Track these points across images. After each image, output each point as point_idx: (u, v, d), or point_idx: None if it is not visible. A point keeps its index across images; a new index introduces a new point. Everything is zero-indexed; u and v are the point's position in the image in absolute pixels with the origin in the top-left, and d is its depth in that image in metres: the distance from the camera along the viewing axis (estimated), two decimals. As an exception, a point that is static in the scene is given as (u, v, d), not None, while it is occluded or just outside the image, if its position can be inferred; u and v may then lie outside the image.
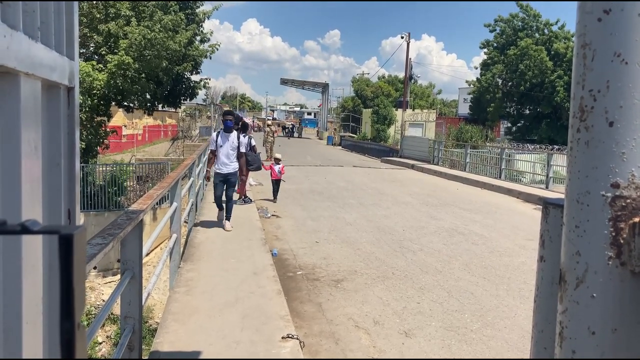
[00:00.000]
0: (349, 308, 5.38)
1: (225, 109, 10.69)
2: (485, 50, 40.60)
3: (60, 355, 0.48)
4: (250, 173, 11.05)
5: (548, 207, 0.99)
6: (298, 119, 75.36)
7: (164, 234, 10.22)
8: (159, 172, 19.72)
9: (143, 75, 16.83)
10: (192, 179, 8.31)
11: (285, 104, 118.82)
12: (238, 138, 8.08)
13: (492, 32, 40.11)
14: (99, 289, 13.86)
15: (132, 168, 20.31)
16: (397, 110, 37.49)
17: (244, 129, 10.47)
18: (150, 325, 9.83)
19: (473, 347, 4.57)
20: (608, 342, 0.83)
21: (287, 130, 56.01)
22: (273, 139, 22.14)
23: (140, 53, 16.21)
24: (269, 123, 26.21)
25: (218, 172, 7.99)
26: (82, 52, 17.27)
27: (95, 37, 17.24)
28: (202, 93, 25.07)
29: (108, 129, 18.78)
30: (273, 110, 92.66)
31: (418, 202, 12.39)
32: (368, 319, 5.09)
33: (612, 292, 0.81)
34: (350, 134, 43.93)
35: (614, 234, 0.80)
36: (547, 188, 15.21)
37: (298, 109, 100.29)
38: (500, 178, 17.53)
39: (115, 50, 16.50)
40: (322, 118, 56.41)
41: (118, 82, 16.10)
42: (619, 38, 0.78)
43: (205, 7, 19.92)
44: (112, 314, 9.73)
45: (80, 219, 1.29)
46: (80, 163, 1.41)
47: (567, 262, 0.87)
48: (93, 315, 10.35)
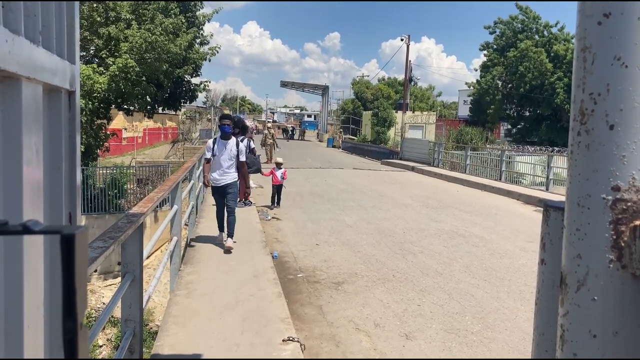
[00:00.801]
0: (350, 310, 5.37)
1: (223, 113, 9.52)
2: (485, 52, 40.61)
3: (64, 355, 0.48)
4: (251, 175, 10.96)
5: (549, 209, 0.99)
6: (298, 122, 75.40)
7: (165, 237, 10.22)
8: (160, 174, 19.73)
9: (144, 78, 16.85)
10: (192, 182, 8.29)
11: (286, 107, 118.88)
12: (237, 145, 6.93)
13: (491, 34, 40.12)
14: (100, 292, 13.85)
15: (132, 171, 20.32)
16: (397, 113, 37.51)
17: (244, 132, 9.80)
18: (151, 328, 9.82)
19: (474, 349, 4.56)
20: (609, 345, 0.83)
21: (287, 133, 56.05)
22: (273, 142, 22.13)
23: (141, 56, 16.22)
24: (269, 126, 26.21)
25: (215, 185, 6.95)
26: (82, 55, 17.30)
27: (96, 40, 17.26)
28: (202, 96, 25.17)
29: (108, 132, 18.79)
30: (273, 113, 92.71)
31: (418, 204, 12.38)
32: (369, 322, 5.08)
33: (613, 295, 0.81)
34: (350, 136, 43.94)
35: (615, 237, 0.81)
36: (547, 190, 15.21)
37: (298, 112, 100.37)
38: (501, 180, 17.53)
39: (116, 54, 16.52)
40: (322, 120, 56.44)
41: (119, 85, 16.12)
42: (619, 41, 0.79)
43: (206, 10, 19.96)
44: (112, 317, 9.72)
45: (81, 222, 1.29)
46: (81, 166, 1.41)
47: (568, 265, 0.87)
48: (94, 318, 10.33)
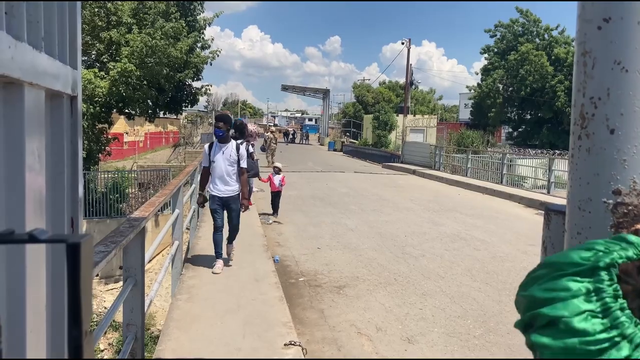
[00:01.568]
0: (351, 314, 5.37)
1: (217, 113, 8.93)
2: (486, 56, 40.72)
3: None
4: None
5: (550, 213, 1.00)
6: (299, 125, 75.54)
7: (166, 241, 10.23)
8: (161, 179, 19.74)
9: (145, 83, 16.88)
10: (193, 186, 8.29)
11: (287, 110, 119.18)
12: (237, 149, 6.12)
13: (492, 37, 40.26)
14: (101, 296, 13.84)
15: (133, 175, 20.34)
16: (398, 116, 37.54)
17: (242, 135, 8.70)
18: (152, 333, 9.81)
19: (476, 353, 4.55)
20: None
21: (288, 137, 56.16)
22: (275, 146, 22.15)
23: (142, 60, 16.26)
24: (273, 129, 26.22)
25: (214, 194, 6.11)
26: (83, 59, 17.35)
27: (97, 44, 17.31)
28: (203, 100, 25.19)
29: (109, 136, 18.83)
30: (274, 117, 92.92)
31: (419, 207, 12.38)
32: (370, 326, 5.08)
33: (614, 298, 0.81)
34: (351, 140, 43.98)
35: (616, 241, 0.81)
36: (548, 193, 15.19)
37: (299, 115, 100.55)
38: (502, 183, 17.52)
39: (117, 58, 16.56)
40: (323, 124, 56.49)
41: (120, 89, 16.15)
42: (619, 46, 0.79)
43: (207, 14, 20.03)
44: (114, 321, 9.72)
45: (83, 227, 1.30)
46: (82, 170, 1.41)
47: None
48: (95, 323, 10.34)
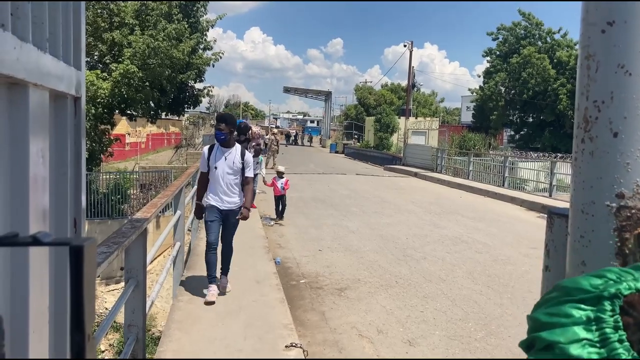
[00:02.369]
0: (353, 317, 5.36)
1: (219, 113, 7.65)
2: (488, 59, 40.69)
3: None
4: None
5: (553, 216, 0.99)
6: (301, 127, 75.58)
7: (167, 242, 10.22)
8: (163, 180, 19.74)
9: (147, 84, 16.91)
10: (195, 187, 8.28)
11: (288, 112, 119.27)
12: (242, 155, 5.28)
13: (494, 40, 40.21)
14: (102, 297, 13.84)
15: (135, 176, 20.35)
16: (400, 118, 37.52)
17: (243, 136, 8.23)
18: (153, 334, 9.80)
19: (477, 356, 4.55)
20: (614, 352, 0.82)
21: (289, 139, 56.18)
22: (277, 148, 22.14)
23: (144, 62, 16.30)
24: (275, 131, 26.22)
25: (213, 203, 5.27)
26: (86, 60, 17.38)
27: (100, 45, 17.35)
28: (205, 101, 25.19)
29: (112, 137, 18.85)
30: (276, 119, 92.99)
31: (421, 210, 12.37)
32: (372, 328, 5.07)
33: (617, 302, 0.81)
34: (353, 142, 43.97)
35: (619, 244, 0.81)
36: (550, 196, 15.17)
37: (301, 117, 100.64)
38: (504, 186, 17.50)
39: (120, 59, 16.59)
40: (324, 126, 56.50)
41: (122, 90, 16.18)
42: (623, 50, 0.79)
43: (209, 15, 20.05)
44: (114, 322, 9.72)
45: (85, 228, 1.30)
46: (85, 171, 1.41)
47: (572, 271, 0.87)
48: (96, 324, 10.33)
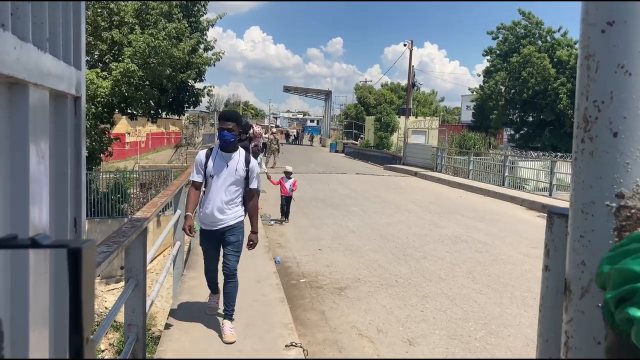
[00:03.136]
0: (353, 316, 5.36)
1: (223, 111, 6.33)
2: (488, 58, 40.70)
3: None
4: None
5: (552, 216, 0.99)
6: (301, 127, 75.59)
7: (167, 242, 10.22)
8: (162, 179, 19.75)
9: (147, 83, 16.91)
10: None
11: (288, 112, 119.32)
12: (247, 162, 4.34)
13: (494, 39, 40.22)
14: (102, 296, 13.85)
15: (135, 175, 20.35)
16: (400, 118, 37.53)
17: (245, 135, 7.46)
18: (153, 333, 9.81)
19: (477, 355, 4.55)
20: (613, 352, 0.82)
21: (289, 138, 56.21)
22: (277, 147, 22.13)
23: (144, 61, 16.28)
24: (274, 131, 26.21)
25: (207, 228, 4.40)
26: (86, 59, 17.37)
27: (100, 44, 17.34)
28: (205, 101, 25.19)
29: (111, 137, 18.85)
30: (276, 118, 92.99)
31: (421, 209, 12.37)
32: (371, 327, 5.07)
33: (617, 302, 0.81)
34: (353, 141, 43.97)
35: (619, 244, 0.81)
36: (550, 195, 15.18)
37: (301, 117, 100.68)
38: (504, 185, 17.51)
39: (120, 58, 16.59)
40: (324, 125, 56.50)
41: (122, 89, 16.17)
42: (623, 49, 0.79)
43: (209, 15, 20.05)
44: (114, 322, 9.72)
45: (85, 227, 1.30)
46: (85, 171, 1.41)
47: (572, 271, 0.88)
48: (96, 323, 10.34)
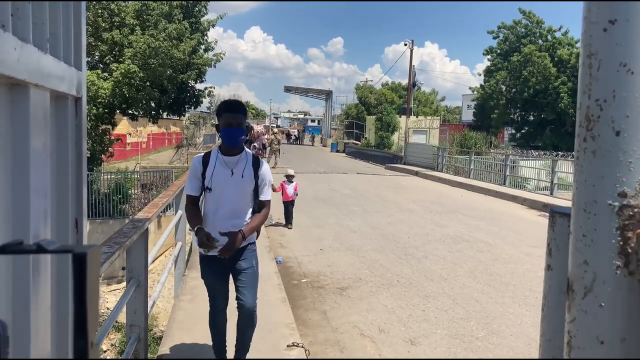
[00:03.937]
0: (354, 316, 5.36)
1: (225, 101, 3.51)
2: (489, 57, 40.66)
3: None
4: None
5: (555, 215, 0.99)
6: (302, 127, 75.61)
7: (169, 242, 10.22)
8: (164, 180, 19.77)
9: (148, 84, 16.93)
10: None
11: (289, 111, 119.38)
12: (257, 167, 3.36)
13: (495, 38, 40.18)
14: (104, 297, 13.87)
15: (136, 176, 20.37)
16: (400, 117, 37.51)
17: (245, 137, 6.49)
18: (155, 334, 9.81)
19: (479, 355, 4.54)
20: (616, 351, 0.82)
21: (290, 138, 56.23)
22: (278, 147, 22.12)
23: (145, 62, 16.31)
24: (275, 131, 26.18)
25: (209, 254, 3.29)
26: (87, 60, 17.37)
27: (100, 45, 17.36)
28: (206, 101, 25.18)
29: (112, 137, 18.87)
30: (277, 118, 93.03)
31: (422, 209, 12.36)
32: (373, 327, 5.07)
33: (620, 301, 0.81)
34: (354, 141, 43.97)
35: (622, 243, 0.80)
36: (551, 194, 15.16)
37: (302, 117, 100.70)
38: (505, 185, 17.50)
39: (120, 59, 16.61)
40: (325, 125, 56.50)
41: (123, 90, 16.20)
42: (625, 48, 0.79)
43: (210, 15, 20.06)
44: (116, 322, 9.73)
45: (86, 228, 1.30)
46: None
47: (574, 271, 0.87)
48: (99, 324, 10.33)
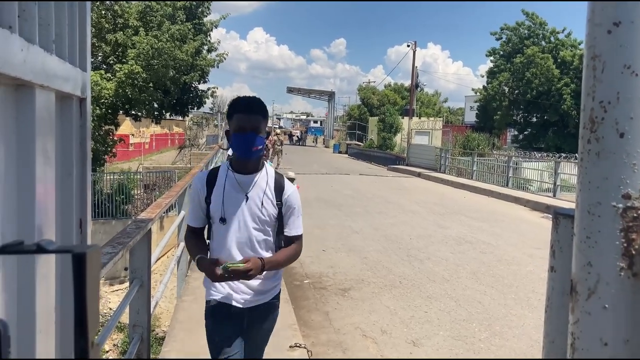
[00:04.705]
0: (356, 317, 5.36)
1: (239, 98, 2.45)
2: (492, 59, 40.59)
3: None
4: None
5: (558, 217, 0.99)
6: (305, 128, 75.64)
7: (172, 242, 10.23)
8: (166, 180, 19.79)
9: (151, 85, 16.97)
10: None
11: (292, 112, 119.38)
12: (280, 189, 2.46)
13: (498, 40, 40.10)
14: (106, 298, 13.89)
15: (139, 177, 20.41)
16: (403, 119, 37.48)
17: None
18: (157, 334, 9.82)
19: (481, 356, 4.54)
20: (620, 353, 0.82)
21: (293, 139, 56.28)
22: (281, 148, 22.13)
23: (148, 62, 16.35)
24: (277, 132, 26.19)
25: (222, 301, 2.42)
26: (90, 61, 17.43)
27: (104, 46, 17.42)
28: (209, 102, 25.22)
29: (115, 138, 18.91)
30: (279, 119, 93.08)
31: (425, 210, 12.35)
32: (375, 328, 5.07)
33: (624, 303, 0.81)
34: (357, 142, 43.96)
35: (626, 245, 0.81)
36: (554, 196, 15.14)
37: (304, 117, 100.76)
38: (508, 186, 17.47)
39: (124, 60, 16.66)
40: (328, 126, 56.51)
41: (127, 91, 16.24)
42: (629, 50, 0.79)
43: (213, 16, 20.09)
44: (119, 323, 9.74)
45: (90, 228, 1.31)
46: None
47: (578, 272, 0.87)
48: (101, 324, 10.35)
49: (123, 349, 10.37)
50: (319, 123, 78.32)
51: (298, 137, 58.80)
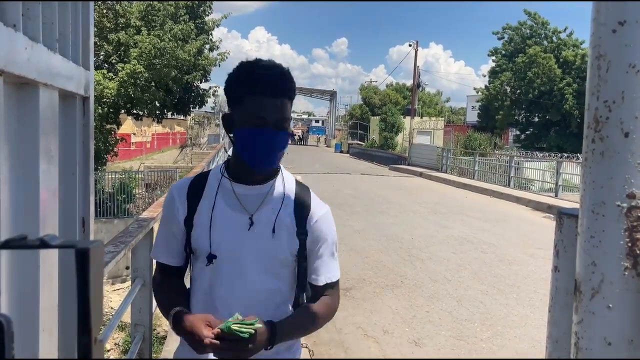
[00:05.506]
0: (358, 317, 5.36)
1: (250, 66, 1.51)
2: (494, 58, 40.54)
3: None
4: None
5: (562, 217, 0.99)
6: (306, 127, 75.64)
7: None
8: (168, 179, 19.81)
9: (153, 84, 16.98)
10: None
11: (293, 112, 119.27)
12: (302, 211, 1.51)
13: (500, 39, 40.07)
14: (108, 296, 13.90)
15: (140, 176, 20.43)
16: (405, 118, 37.48)
17: None
18: (158, 333, 9.82)
19: (483, 356, 4.54)
20: (624, 352, 0.82)
21: (297, 138, 56.34)
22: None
23: (150, 62, 16.36)
24: None
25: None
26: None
27: (106, 46, 17.43)
28: (210, 101, 25.22)
29: (117, 137, 18.92)
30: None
31: (426, 210, 12.35)
32: (377, 328, 5.07)
33: (628, 302, 0.81)
34: (358, 142, 43.95)
35: (630, 245, 0.80)
36: (556, 196, 15.12)
37: (306, 117, 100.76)
38: (509, 186, 17.45)
39: (126, 59, 16.67)
40: (329, 126, 56.51)
41: (129, 90, 16.26)
42: (634, 49, 0.79)
43: (215, 15, 20.09)
44: (120, 322, 9.74)
45: (93, 227, 1.31)
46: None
47: (582, 272, 0.87)
48: (103, 323, 10.35)
49: (125, 348, 10.38)
50: (321, 122, 78.32)
51: (300, 136, 58.81)
